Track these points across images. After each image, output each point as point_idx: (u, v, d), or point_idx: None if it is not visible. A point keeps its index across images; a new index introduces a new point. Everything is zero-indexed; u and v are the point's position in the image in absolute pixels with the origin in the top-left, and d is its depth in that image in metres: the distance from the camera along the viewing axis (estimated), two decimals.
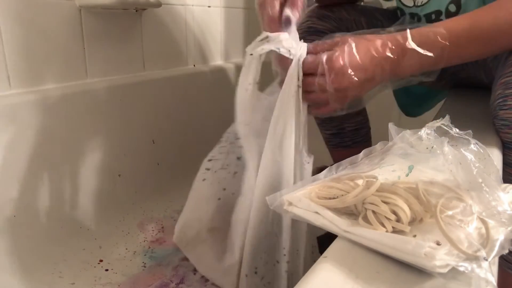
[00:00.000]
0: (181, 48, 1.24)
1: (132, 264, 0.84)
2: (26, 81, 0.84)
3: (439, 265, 0.26)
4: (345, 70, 0.49)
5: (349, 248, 0.31)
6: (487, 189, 0.32)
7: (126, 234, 0.94)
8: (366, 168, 0.39)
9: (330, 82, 0.50)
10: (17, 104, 0.80)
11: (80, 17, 0.92)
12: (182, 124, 1.19)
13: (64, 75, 0.91)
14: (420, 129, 0.38)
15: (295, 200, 0.36)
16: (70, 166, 0.90)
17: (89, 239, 0.90)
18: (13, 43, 0.81)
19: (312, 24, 0.81)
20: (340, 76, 0.49)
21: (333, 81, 0.49)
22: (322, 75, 0.50)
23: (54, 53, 0.88)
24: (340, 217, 0.33)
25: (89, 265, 0.83)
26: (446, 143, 0.35)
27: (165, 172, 1.15)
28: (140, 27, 1.08)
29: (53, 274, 0.79)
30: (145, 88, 1.08)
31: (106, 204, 0.99)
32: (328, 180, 0.39)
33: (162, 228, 0.98)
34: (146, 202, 1.07)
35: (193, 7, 1.23)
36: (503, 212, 0.30)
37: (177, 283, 0.77)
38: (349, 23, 0.82)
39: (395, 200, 0.32)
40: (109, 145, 0.99)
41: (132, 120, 1.04)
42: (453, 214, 0.30)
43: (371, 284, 0.27)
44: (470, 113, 0.70)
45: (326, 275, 0.28)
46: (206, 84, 1.29)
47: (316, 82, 0.51)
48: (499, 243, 0.28)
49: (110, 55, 1.01)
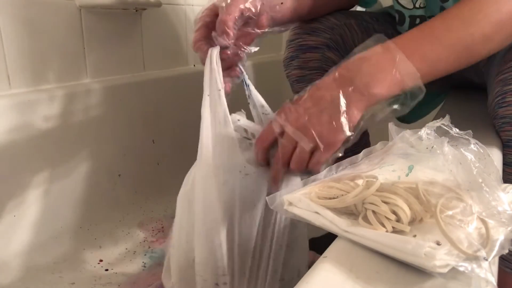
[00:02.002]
0: (181, 48, 1.24)
1: (132, 264, 0.84)
2: (26, 81, 0.84)
3: (439, 265, 0.26)
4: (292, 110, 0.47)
5: (349, 248, 0.31)
6: (487, 189, 0.32)
7: (126, 234, 0.94)
8: (366, 168, 0.39)
9: (290, 128, 0.47)
10: (17, 104, 0.80)
11: (80, 17, 0.92)
12: (182, 124, 1.19)
13: (64, 75, 0.91)
14: (420, 129, 0.38)
15: (295, 200, 0.36)
16: (70, 166, 0.90)
17: (89, 239, 0.90)
18: (13, 43, 0.81)
19: (303, 41, 0.74)
20: (293, 117, 0.47)
21: (291, 122, 0.47)
22: (281, 134, 0.48)
23: (54, 53, 0.88)
24: (340, 217, 0.33)
25: (89, 265, 0.83)
26: (446, 143, 0.35)
27: (165, 172, 1.15)
28: (140, 27, 1.08)
29: (53, 274, 0.79)
30: (145, 88, 1.08)
31: (106, 204, 0.99)
32: (328, 180, 0.39)
33: (162, 228, 0.98)
34: (146, 202, 1.07)
35: (193, 7, 1.23)
36: (503, 212, 0.30)
37: None
38: (341, 29, 0.75)
39: (395, 200, 0.32)
40: (109, 145, 0.99)
41: (132, 120, 1.04)
42: (453, 214, 0.30)
43: (371, 284, 0.27)
44: (470, 113, 0.70)
45: (326, 275, 0.28)
46: None
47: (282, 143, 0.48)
48: (499, 243, 0.29)
49: (110, 55, 1.01)
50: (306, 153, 0.47)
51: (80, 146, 0.92)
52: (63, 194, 0.89)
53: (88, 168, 0.94)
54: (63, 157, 0.89)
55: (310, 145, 0.46)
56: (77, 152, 0.92)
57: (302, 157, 0.47)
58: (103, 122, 0.97)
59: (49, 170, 0.86)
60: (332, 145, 0.46)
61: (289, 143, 0.47)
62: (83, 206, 0.93)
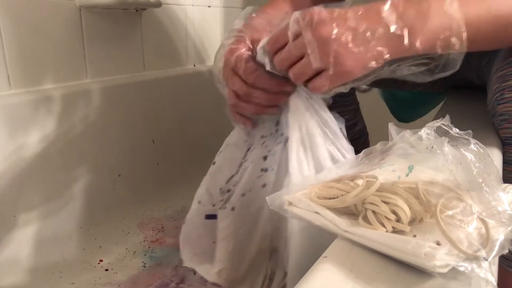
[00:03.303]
0: (181, 48, 1.24)
1: (132, 264, 0.84)
2: (26, 81, 0.84)
3: (439, 265, 0.26)
4: (323, 17, 0.39)
5: (349, 248, 0.31)
6: (487, 189, 0.32)
7: (126, 234, 0.94)
8: (366, 168, 0.39)
9: (308, 34, 0.40)
10: (17, 104, 0.80)
11: (80, 17, 0.92)
12: (182, 124, 1.19)
13: (64, 75, 0.91)
14: (420, 129, 0.38)
15: (295, 200, 0.36)
16: (70, 166, 0.90)
17: (89, 239, 0.90)
18: (13, 43, 0.81)
19: None
20: (320, 25, 0.39)
21: (312, 32, 0.39)
22: (296, 36, 0.41)
23: (54, 53, 0.88)
24: (340, 217, 0.33)
25: (89, 265, 0.83)
26: (446, 143, 0.35)
27: (165, 172, 1.15)
28: (140, 27, 1.08)
29: (53, 274, 0.79)
30: (145, 88, 1.08)
31: (106, 204, 0.99)
32: (328, 180, 0.39)
33: (162, 228, 0.98)
34: (146, 202, 1.07)
35: (193, 7, 1.23)
36: (503, 212, 0.30)
37: (177, 283, 0.77)
38: None
39: (395, 200, 0.32)
40: (109, 145, 0.99)
41: (132, 120, 1.04)
42: (453, 214, 0.30)
43: (371, 284, 0.27)
44: (470, 113, 0.70)
45: (326, 275, 0.28)
46: (206, 84, 1.28)
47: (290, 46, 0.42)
48: (499, 243, 0.28)
49: (110, 55, 1.01)
50: (310, 69, 0.41)
51: (80, 146, 0.92)
52: (63, 194, 0.89)
53: (88, 168, 0.94)
54: (63, 157, 0.88)
55: (318, 65, 0.40)
56: (77, 152, 0.92)
57: (304, 71, 0.42)
58: (103, 122, 0.97)
59: (49, 170, 0.86)
60: (346, 75, 0.40)
61: (298, 50, 0.41)
62: (83, 206, 0.93)
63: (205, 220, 0.58)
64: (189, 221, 0.60)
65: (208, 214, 0.58)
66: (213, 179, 0.58)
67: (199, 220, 0.59)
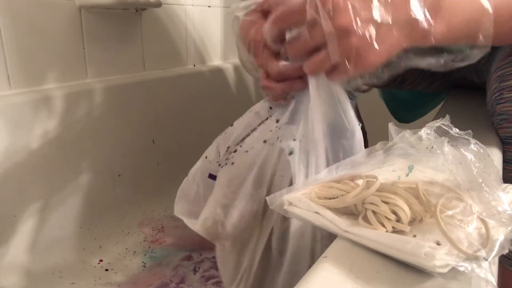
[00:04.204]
0: (181, 48, 1.24)
1: (132, 264, 0.84)
2: (26, 81, 0.84)
3: (439, 265, 0.26)
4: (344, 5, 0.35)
5: (349, 248, 0.31)
6: (487, 189, 0.32)
7: (126, 234, 0.94)
8: (366, 168, 0.39)
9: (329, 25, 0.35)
10: (17, 104, 0.80)
11: (80, 17, 0.92)
12: (182, 124, 1.20)
13: (64, 75, 0.91)
14: (420, 129, 0.38)
15: (295, 200, 0.36)
16: (70, 166, 0.90)
17: (89, 239, 0.90)
18: (13, 43, 0.81)
19: None
20: (341, 14, 0.35)
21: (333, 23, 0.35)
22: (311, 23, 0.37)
23: (54, 53, 0.88)
24: (340, 217, 0.33)
25: (89, 265, 0.83)
26: (446, 143, 0.35)
27: (165, 172, 1.15)
28: (140, 27, 1.08)
29: (53, 274, 0.79)
30: (145, 88, 1.08)
31: (106, 204, 0.99)
32: (328, 180, 0.39)
33: (162, 228, 0.98)
34: (146, 202, 1.07)
35: (193, 7, 1.23)
36: (503, 212, 0.30)
37: (177, 283, 0.77)
38: None
39: (395, 200, 0.32)
40: (109, 145, 0.99)
41: (132, 120, 1.04)
42: (453, 214, 0.30)
43: (371, 284, 0.27)
44: (470, 113, 0.70)
45: (326, 275, 0.28)
46: (206, 84, 1.29)
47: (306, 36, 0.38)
48: (499, 243, 0.28)
49: (110, 55, 1.01)
50: (328, 63, 0.38)
51: (80, 146, 0.92)
52: (63, 194, 0.89)
53: (88, 168, 0.94)
54: (63, 157, 0.89)
55: (338, 59, 0.37)
56: (77, 152, 0.92)
57: (321, 65, 0.39)
58: (103, 122, 0.97)
59: (49, 170, 0.86)
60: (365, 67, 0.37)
61: (314, 40, 0.37)
62: (83, 206, 0.93)
63: (207, 179, 0.56)
64: (192, 174, 0.58)
65: (211, 174, 0.57)
66: (225, 138, 0.56)
67: (201, 176, 0.57)
